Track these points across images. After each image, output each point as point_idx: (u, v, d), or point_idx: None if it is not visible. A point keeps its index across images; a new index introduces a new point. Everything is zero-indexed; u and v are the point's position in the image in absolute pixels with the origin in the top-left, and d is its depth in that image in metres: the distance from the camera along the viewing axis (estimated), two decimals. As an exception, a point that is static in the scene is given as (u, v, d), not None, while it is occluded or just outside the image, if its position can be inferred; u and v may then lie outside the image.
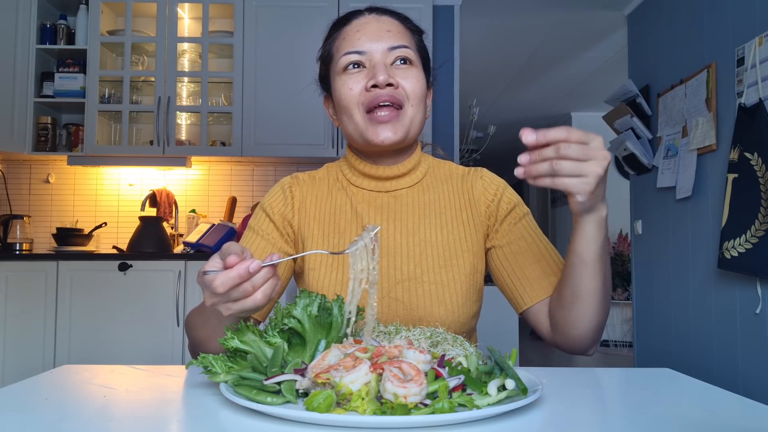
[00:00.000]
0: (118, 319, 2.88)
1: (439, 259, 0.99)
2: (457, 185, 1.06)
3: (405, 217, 1.02)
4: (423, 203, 1.03)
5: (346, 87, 0.97)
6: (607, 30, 4.00)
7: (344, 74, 0.98)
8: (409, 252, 0.99)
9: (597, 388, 0.75)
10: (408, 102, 0.96)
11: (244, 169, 3.59)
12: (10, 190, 3.46)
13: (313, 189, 1.07)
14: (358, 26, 0.99)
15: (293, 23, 3.28)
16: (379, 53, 0.96)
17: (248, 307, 0.69)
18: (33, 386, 0.72)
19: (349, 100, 0.96)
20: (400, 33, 0.98)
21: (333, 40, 1.02)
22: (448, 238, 1.00)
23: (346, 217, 1.03)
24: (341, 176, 1.07)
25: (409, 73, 0.97)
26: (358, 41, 0.97)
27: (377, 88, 0.94)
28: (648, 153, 3.23)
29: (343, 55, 0.97)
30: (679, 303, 2.94)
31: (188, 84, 3.48)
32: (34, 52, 3.22)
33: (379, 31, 0.97)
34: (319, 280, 0.99)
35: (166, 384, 0.73)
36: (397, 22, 1.00)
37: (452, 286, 0.97)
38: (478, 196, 1.04)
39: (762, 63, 2.26)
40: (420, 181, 1.05)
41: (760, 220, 2.17)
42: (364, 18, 1.00)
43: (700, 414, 0.64)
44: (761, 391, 2.27)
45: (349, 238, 1.00)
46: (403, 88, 0.96)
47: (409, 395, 0.56)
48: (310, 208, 1.04)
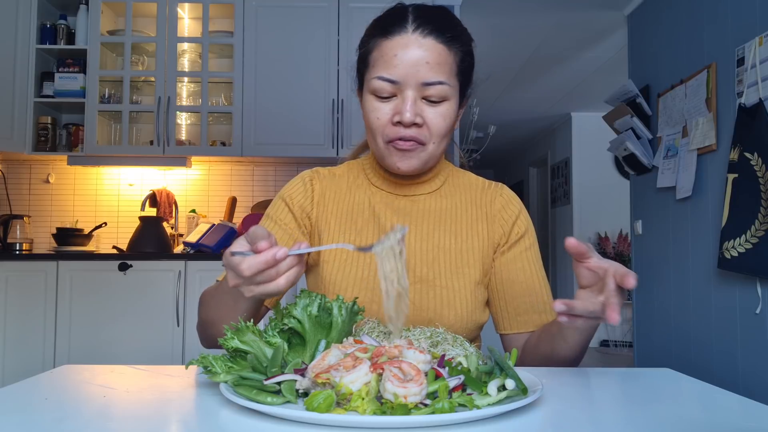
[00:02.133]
0: (118, 319, 2.88)
1: (450, 266, 1.00)
2: (476, 196, 1.07)
3: (421, 221, 1.03)
4: (440, 210, 1.04)
5: (374, 115, 0.95)
6: (607, 30, 4.00)
7: (373, 98, 0.95)
8: (423, 256, 1.00)
9: (597, 388, 0.75)
10: (431, 140, 0.95)
11: (244, 169, 3.59)
12: (10, 190, 3.46)
13: (333, 185, 1.07)
14: (398, 46, 0.92)
15: (293, 23, 3.28)
16: (412, 87, 0.92)
17: (270, 291, 0.70)
18: (33, 386, 0.72)
19: (375, 127, 0.96)
20: (440, 63, 0.92)
21: (372, 47, 0.97)
22: (462, 247, 1.02)
23: (364, 216, 1.03)
24: (362, 175, 1.08)
25: (439, 110, 0.94)
26: (394, 68, 0.92)
27: (401, 125, 0.93)
28: (648, 153, 3.23)
29: (375, 77, 0.94)
30: (679, 303, 2.94)
31: (188, 84, 3.48)
32: (34, 52, 3.22)
33: (417, 62, 0.91)
34: (333, 273, 0.99)
35: (166, 384, 0.73)
36: (441, 46, 0.93)
37: (462, 293, 0.99)
38: (496, 212, 1.06)
39: (762, 63, 2.26)
40: (439, 188, 1.06)
41: (760, 220, 2.17)
42: (406, 36, 0.93)
43: (700, 414, 0.64)
44: (761, 391, 2.27)
45: (366, 236, 1.02)
46: (428, 126, 0.94)
47: (409, 395, 0.56)
48: (329, 203, 1.05)
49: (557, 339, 0.90)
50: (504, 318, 1.04)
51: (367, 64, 0.98)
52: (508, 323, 1.03)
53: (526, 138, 7.60)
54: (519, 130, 7.09)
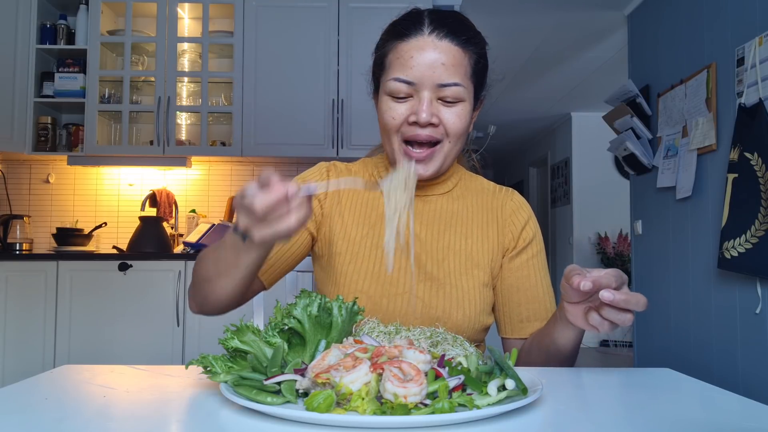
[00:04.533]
0: (118, 319, 2.88)
1: (460, 266, 1.01)
2: (487, 200, 1.09)
3: (432, 221, 1.04)
4: (451, 211, 1.06)
5: (389, 114, 0.96)
6: (607, 30, 4.00)
7: (389, 98, 0.96)
8: (434, 255, 1.02)
9: (597, 388, 0.75)
10: (447, 138, 0.96)
11: (244, 169, 3.59)
12: (10, 190, 3.46)
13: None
14: (414, 48, 0.94)
15: (293, 23, 3.28)
16: (428, 88, 0.93)
17: (281, 230, 0.71)
18: (33, 386, 0.72)
19: (390, 127, 0.96)
20: (455, 65, 0.94)
21: (388, 49, 0.98)
22: (472, 249, 1.03)
23: (378, 211, 1.05)
24: (376, 174, 1.09)
25: (455, 110, 0.95)
26: (410, 70, 0.93)
27: (417, 125, 0.94)
28: (648, 153, 3.23)
29: (391, 79, 0.95)
30: (679, 303, 2.94)
31: (188, 84, 3.48)
32: (34, 52, 3.22)
33: (433, 63, 0.93)
34: (344, 265, 1.01)
35: (166, 384, 0.73)
36: (456, 49, 0.95)
37: (471, 294, 1.00)
38: (506, 217, 1.07)
39: (762, 63, 2.26)
40: (451, 190, 1.08)
41: (760, 220, 2.17)
42: (422, 39, 0.94)
43: (700, 414, 0.64)
44: (761, 391, 2.27)
45: (380, 232, 1.03)
46: (444, 125, 0.95)
47: (409, 395, 0.56)
48: (343, 197, 1.06)
49: (551, 354, 0.92)
50: (506, 323, 1.05)
51: (383, 66, 0.99)
52: (510, 328, 1.05)
53: (526, 138, 7.59)
54: (519, 130, 7.09)
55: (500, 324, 1.07)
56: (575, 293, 0.79)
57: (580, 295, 0.79)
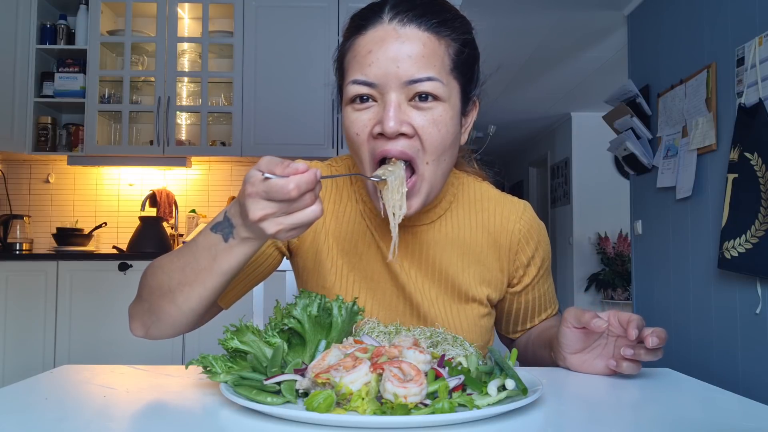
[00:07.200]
0: (118, 319, 2.88)
1: (452, 304, 0.91)
2: (488, 221, 0.92)
3: (420, 255, 0.90)
4: (444, 238, 0.90)
5: (352, 129, 0.78)
6: (607, 30, 4.00)
7: (350, 108, 0.78)
8: (425, 293, 0.90)
9: (597, 388, 0.75)
10: (424, 157, 0.76)
11: (244, 169, 3.59)
12: (10, 190, 3.46)
13: (332, 198, 0.94)
14: (372, 41, 0.76)
15: (293, 23, 3.28)
16: (394, 89, 0.74)
17: (305, 220, 0.63)
18: (33, 386, 0.72)
19: (355, 144, 0.78)
20: (426, 56, 0.75)
21: (346, 48, 0.81)
22: (470, 281, 0.91)
23: (365, 240, 0.90)
24: (360, 199, 0.92)
25: (431, 114, 0.75)
26: (368, 67, 0.75)
27: (384, 137, 0.75)
28: (648, 153, 3.22)
29: (350, 82, 0.77)
30: (679, 303, 2.94)
31: (188, 84, 3.48)
32: (34, 52, 3.22)
33: (396, 56, 0.74)
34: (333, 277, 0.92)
35: (166, 384, 0.73)
36: (426, 35, 0.76)
37: (468, 330, 0.92)
38: (513, 244, 0.93)
39: (762, 63, 2.26)
40: (443, 215, 0.91)
41: (760, 220, 2.17)
42: (381, 28, 0.76)
43: (700, 414, 0.64)
44: (761, 391, 2.26)
45: (369, 261, 0.90)
46: (420, 138, 0.75)
47: (409, 395, 0.56)
48: (329, 216, 0.92)
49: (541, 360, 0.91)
50: (508, 324, 1.03)
51: (343, 70, 0.81)
52: (512, 328, 1.03)
53: (526, 138, 7.59)
54: (519, 130, 7.09)
55: (501, 324, 1.04)
56: (579, 341, 0.79)
57: (583, 342, 0.79)
